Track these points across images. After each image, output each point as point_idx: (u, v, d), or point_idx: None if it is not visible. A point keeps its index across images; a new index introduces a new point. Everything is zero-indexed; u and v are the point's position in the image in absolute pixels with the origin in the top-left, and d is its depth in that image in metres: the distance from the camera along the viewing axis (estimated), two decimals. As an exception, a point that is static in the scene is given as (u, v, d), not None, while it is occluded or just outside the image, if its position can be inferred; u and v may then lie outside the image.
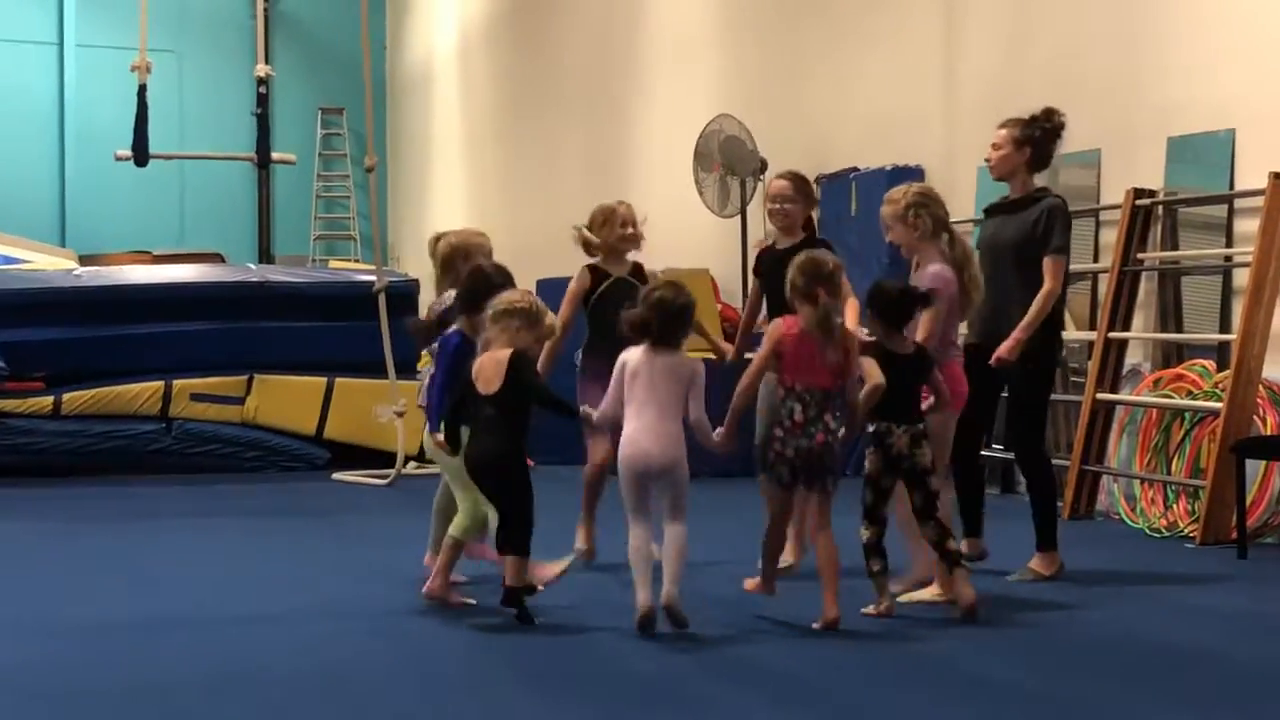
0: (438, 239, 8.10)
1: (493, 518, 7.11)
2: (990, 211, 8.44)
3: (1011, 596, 7.52)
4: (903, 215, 7.48)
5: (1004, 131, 8.21)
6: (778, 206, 8.29)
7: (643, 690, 5.73)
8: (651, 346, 6.64)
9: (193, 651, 6.28)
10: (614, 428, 6.92)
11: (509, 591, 6.66)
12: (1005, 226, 8.08)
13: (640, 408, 6.60)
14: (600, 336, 8.05)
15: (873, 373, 6.87)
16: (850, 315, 7.51)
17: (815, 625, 6.60)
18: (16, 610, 7.13)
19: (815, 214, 8.63)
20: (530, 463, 6.97)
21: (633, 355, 6.66)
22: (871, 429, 6.96)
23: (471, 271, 7.78)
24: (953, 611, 6.95)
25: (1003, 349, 7.59)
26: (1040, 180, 8.26)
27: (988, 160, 8.35)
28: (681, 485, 6.64)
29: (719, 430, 6.71)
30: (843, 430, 6.87)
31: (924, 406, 7.09)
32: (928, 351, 7.08)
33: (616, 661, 6.14)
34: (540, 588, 6.95)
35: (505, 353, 6.76)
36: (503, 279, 7.66)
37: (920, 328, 7.33)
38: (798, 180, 8.38)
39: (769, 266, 8.08)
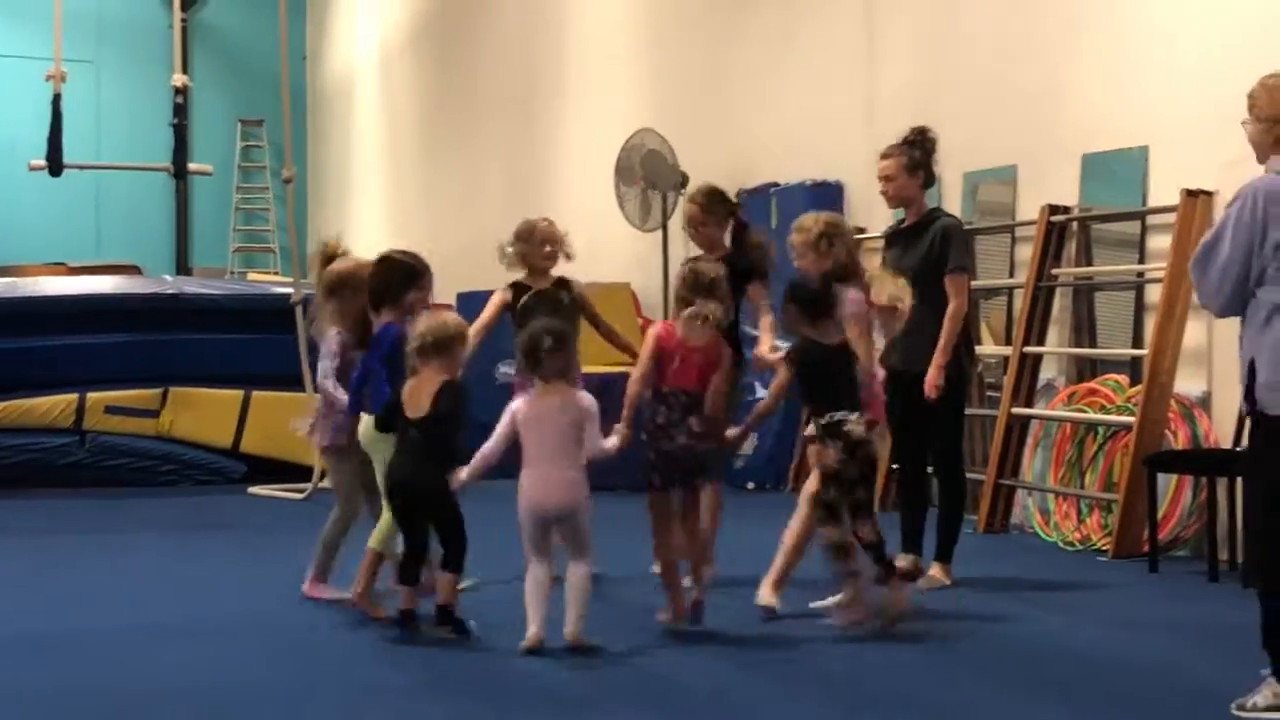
0: (329, 259, 8.03)
1: (399, 546, 7.16)
2: (890, 239, 8.58)
3: (926, 609, 7.55)
4: (814, 244, 7.55)
5: (890, 161, 8.33)
6: (693, 230, 8.37)
7: (546, 703, 5.81)
8: (540, 388, 6.65)
9: (104, 667, 6.28)
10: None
11: (442, 609, 6.72)
12: (906, 254, 8.21)
13: (533, 456, 6.59)
14: None
15: (775, 385, 7.14)
16: (765, 335, 7.61)
17: (690, 601, 6.82)
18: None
19: (738, 219, 8.57)
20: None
21: (520, 404, 6.68)
22: (822, 422, 6.98)
23: (386, 264, 7.82)
24: (882, 616, 7.02)
25: (929, 383, 7.75)
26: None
27: (884, 192, 8.47)
28: (581, 529, 6.66)
29: (611, 438, 6.75)
30: (733, 431, 7.08)
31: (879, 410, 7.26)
32: (850, 344, 7.16)
33: (532, 676, 6.18)
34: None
35: (438, 380, 6.79)
36: (412, 265, 7.75)
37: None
38: (704, 200, 8.37)
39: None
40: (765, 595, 7.28)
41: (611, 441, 6.71)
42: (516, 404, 6.71)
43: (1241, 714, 5.55)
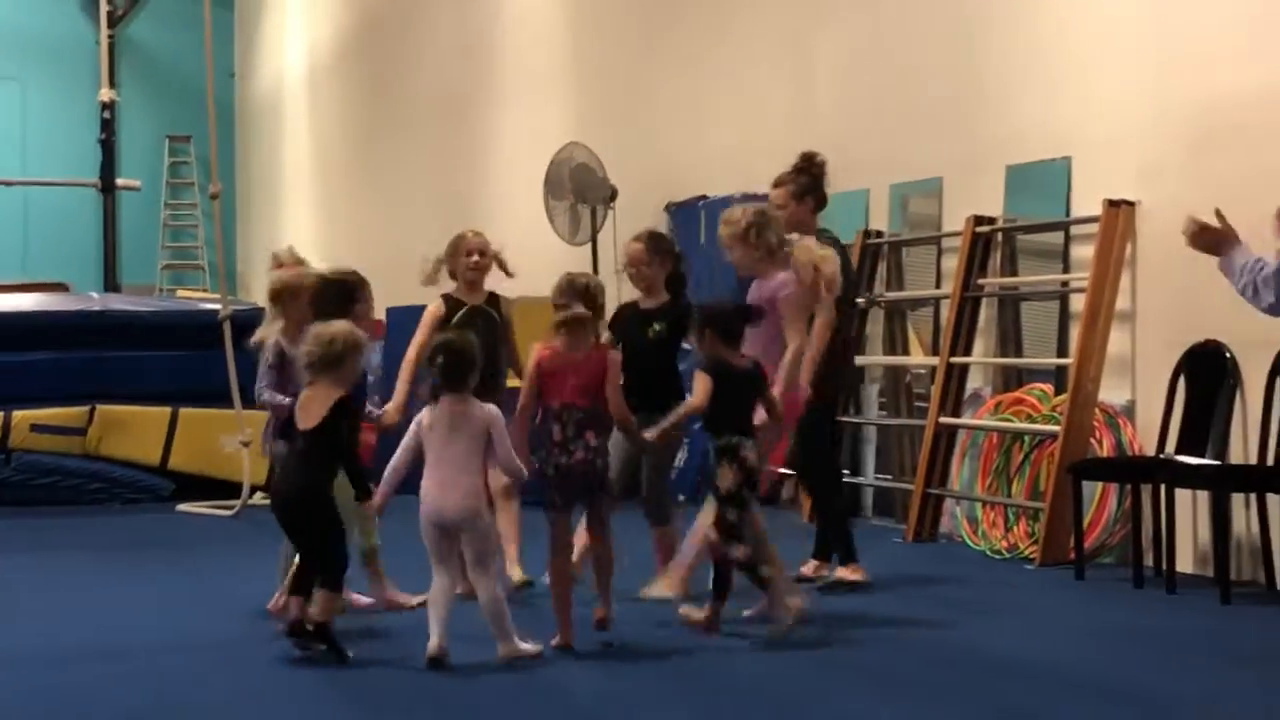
0: (294, 277, 7.98)
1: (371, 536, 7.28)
2: None
3: (845, 614, 7.59)
4: (743, 235, 7.59)
5: (779, 191, 8.43)
6: (634, 270, 8.09)
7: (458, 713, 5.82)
8: (446, 399, 6.61)
9: (29, 687, 6.19)
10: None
11: (317, 625, 6.57)
12: None
13: (435, 463, 6.57)
14: None
15: (698, 391, 7.00)
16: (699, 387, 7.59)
17: (594, 624, 6.76)
18: None
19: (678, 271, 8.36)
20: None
21: (426, 413, 6.65)
22: (719, 443, 6.99)
23: (328, 283, 7.78)
24: (783, 624, 7.00)
25: (803, 391, 7.71)
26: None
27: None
28: (483, 537, 6.62)
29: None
30: (652, 431, 7.03)
31: (756, 422, 7.16)
32: (761, 367, 7.16)
33: (434, 695, 6.14)
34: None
35: (328, 396, 6.70)
36: (353, 282, 7.76)
37: (815, 339, 7.56)
38: (651, 241, 8.18)
39: (627, 324, 7.95)
40: (662, 587, 7.36)
41: (507, 457, 6.64)
42: (421, 414, 6.69)
43: None
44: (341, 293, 7.68)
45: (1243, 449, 8.29)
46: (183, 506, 12.54)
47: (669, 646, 6.83)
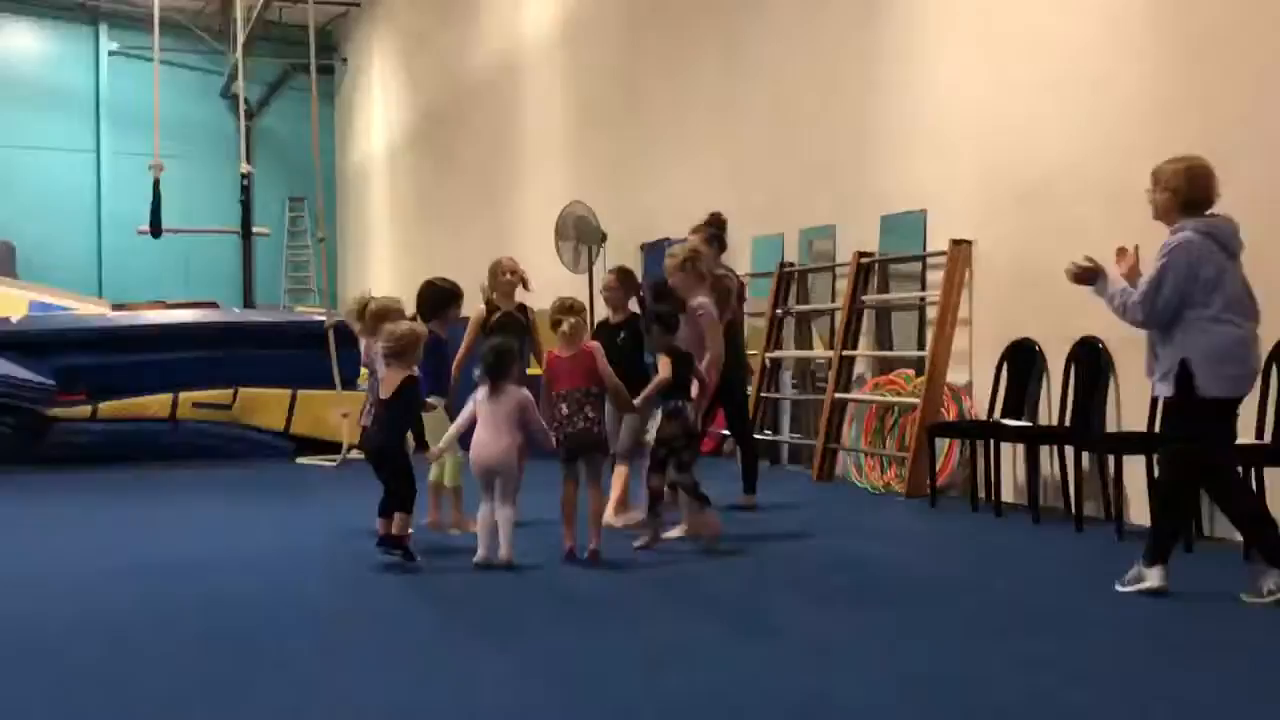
0: (365, 303, 7.76)
1: (450, 477, 7.30)
2: None
3: (757, 532, 7.60)
4: (679, 265, 7.63)
5: (696, 237, 8.43)
6: (607, 294, 8.34)
7: (482, 613, 5.80)
8: (490, 386, 6.65)
9: (194, 582, 6.25)
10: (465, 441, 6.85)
11: (394, 539, 6.59)
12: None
13: (482, 427, 6.61)
14: None
15: (663, 369, 7.03)
16: (663, 366, 7.60)
17: (587, 554, 6.63)
18: (81, 562, 7.03)
19: (640, 296, 8.53)
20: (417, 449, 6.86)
21: (479, 394, 6.68)
22: (668, 405, 7.02)
23: (429, 288, 7.85)
24: (702, 541, 7.03)
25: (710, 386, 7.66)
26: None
27: (671, 257, 8.34)
28: (509, 479, 6.59)
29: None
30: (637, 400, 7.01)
31: (693, 393, 7.19)
32: (691, 354, 7.23)
33: (479, 591, 6.16)
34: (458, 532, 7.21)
35: (399, 375, 6.70)
36: (450, 289, 7.83)
37: (710, 343, 7.55)
38: (619, 275, 8.43)
39: (602, 336, 8.01)
40: (609, 518, 7.37)
41: (541, 426, 6.70)
42: (477, 394, 6.71)
43: (1123, 589, 5.69)
44: (444, 295, 7.79)
45: (1048, 415, 8.32)
46: (300, 460, 12.57)
47: (639, 562, 6.84)
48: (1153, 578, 5.61)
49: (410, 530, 6.68)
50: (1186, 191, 5.62)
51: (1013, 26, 8.80)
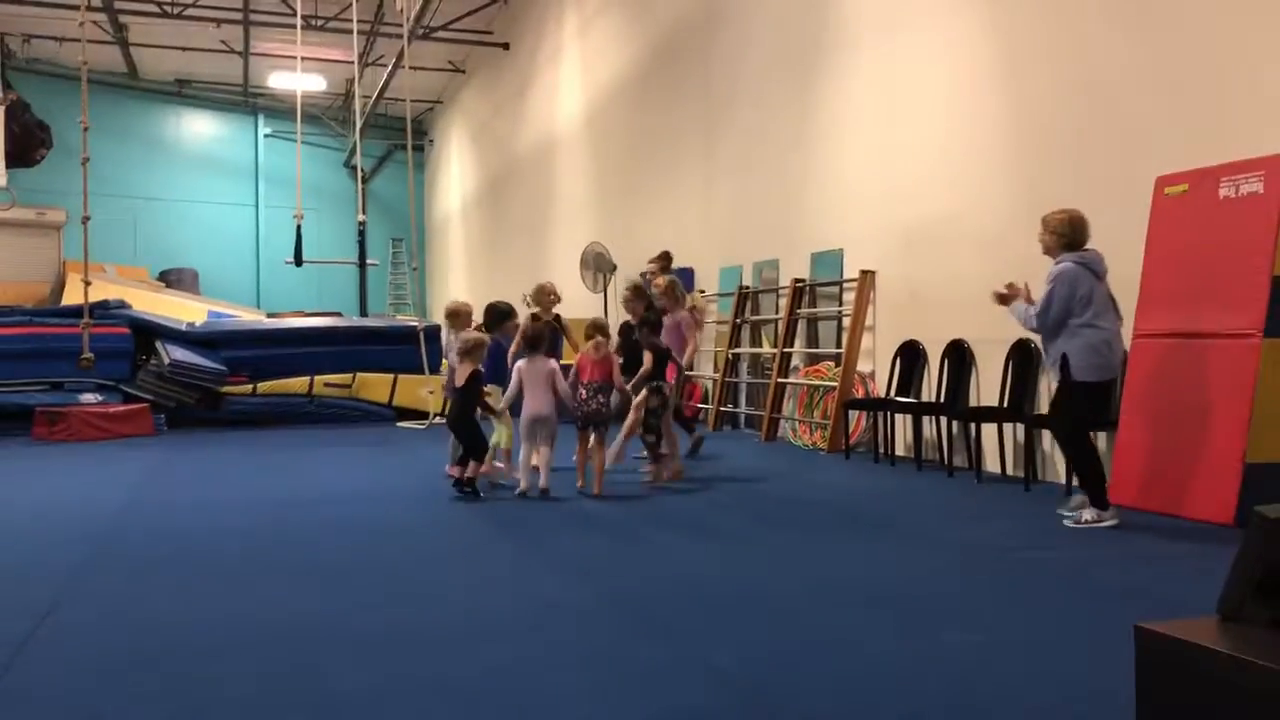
0: (456, 305, 7.98)
1: (504, 441, 7.24)
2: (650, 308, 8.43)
3: (721, 474, 7.55)
4: (666, 291, 7.67)
5: (653, 265, 8.64)
6: (627, 305, 8.23)
7: (527, 530, 5.79)
8: (530, 358, 6.72)
9: (328, 514, 6.26)
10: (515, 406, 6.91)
11: (468, 480, 6.66)
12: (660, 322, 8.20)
13: (528, 390, 6.66)
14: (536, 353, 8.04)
15: (648, 362, 7.09)
16: (647, 360, 7.54)
17: (594, 494, 6.67)
18: (245, 494, 7.06)
19: (650, 302, 8.41)
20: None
21: (521, 364, 6.73)
22: (653, 385, 7.12)
23: (491, 307, 7.89)
24: (664, 481, 7.11)
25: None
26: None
27: (657, 285, 8.46)
28: (551, 429, 6.67)
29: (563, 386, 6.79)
30: (616, 397, 7.02)
31: (670, 377, 7.32)
32: (667, 347, 7.37)
33: (525, 516, 6.19)
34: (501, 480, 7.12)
35: (468, 369, 6.76)
36: (508, 308, 7.84)
37: (687, 348, 7.57)
38: (634, 290, 8.26)
39: (626, 331, 8.14)
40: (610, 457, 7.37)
41: (563, 386, 6.76)
42: (520, 364, 6.78)
43: (1073, 526, 5.37)
44: (503, 312, 7.80)
45: (929, 394, 8.34)
46: (400, 424, 12.59)
47: (632, 495, 6.85)
48: (1108, 518, 5.39)
49: (475, 475, 6.72)
50: (1070, 235, 5.54)
51: (907, 110, 8.80)
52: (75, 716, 2.84)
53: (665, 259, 8.90)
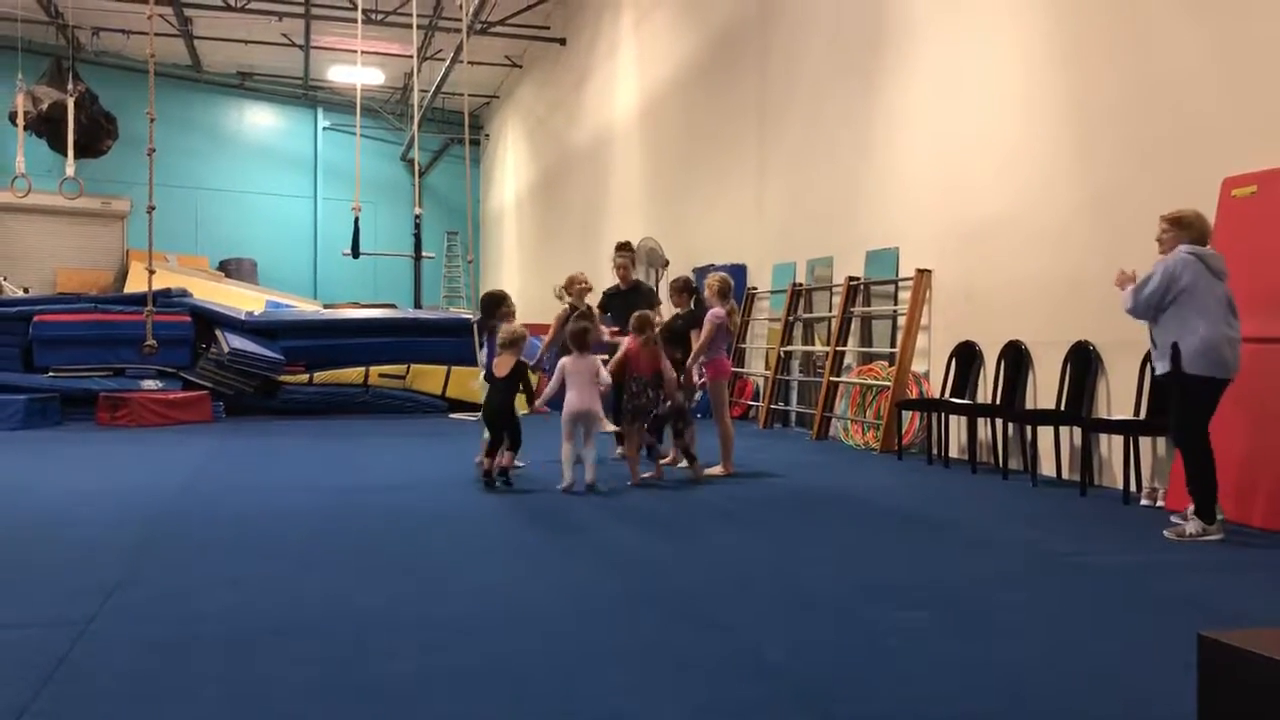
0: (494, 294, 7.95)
1: (487, 437, 7.18)
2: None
3: (771, 470, 7.53)
4: (716, 291, 7.61)
5: (622, 258, 8.62)
6: (674, 298, 8.12)
7: (570, 522, 5.80)
8: (576, 355, 6.75)
9: (378, 501, 6.33)
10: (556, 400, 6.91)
11: (502, 470, 6.78)
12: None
13: (572, 386, 6.69)
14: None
15: (670, 369, 7.10)
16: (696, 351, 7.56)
17: (629, 485, 6.78)
18: (300, 480, 7.17)
19: (697, 296, 8.35)
20: (544, 410, 7.05)
21: (567, 361, 6.76)
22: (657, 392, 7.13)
23: (485, 295, 7.93)
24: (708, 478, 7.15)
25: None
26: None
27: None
28: (594, 424, 6.69)
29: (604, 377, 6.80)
30: (663, 394, 7.05)
31: (700, 380, 7.43)
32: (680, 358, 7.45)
33: (567, 507, 6.20)
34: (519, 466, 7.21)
35: (513, 360, 6.83)
36: (501, 295, 7.78)
37: (696, 343, 7.58)
38: (680, 284, 8.13)
39: (672, 321, 8.06)
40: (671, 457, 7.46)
41: (605, 379, 6.78)
42: (564, 361, 6.81)
43: (1174, 538, 5.08)
44: (495, 300, 7.78)
45: (984, 395, 8.25)
46: (452, 415, 12.70)
47: (671, 489, 6.84)
48: (1214, 532, 5.06)
49: (514, 464, 6.85)
50: (1196, 229, 5.18)
51: (967, 106, 8.69)
52: (138, 695, 2.90)
53: (626, 248, 8.91)
